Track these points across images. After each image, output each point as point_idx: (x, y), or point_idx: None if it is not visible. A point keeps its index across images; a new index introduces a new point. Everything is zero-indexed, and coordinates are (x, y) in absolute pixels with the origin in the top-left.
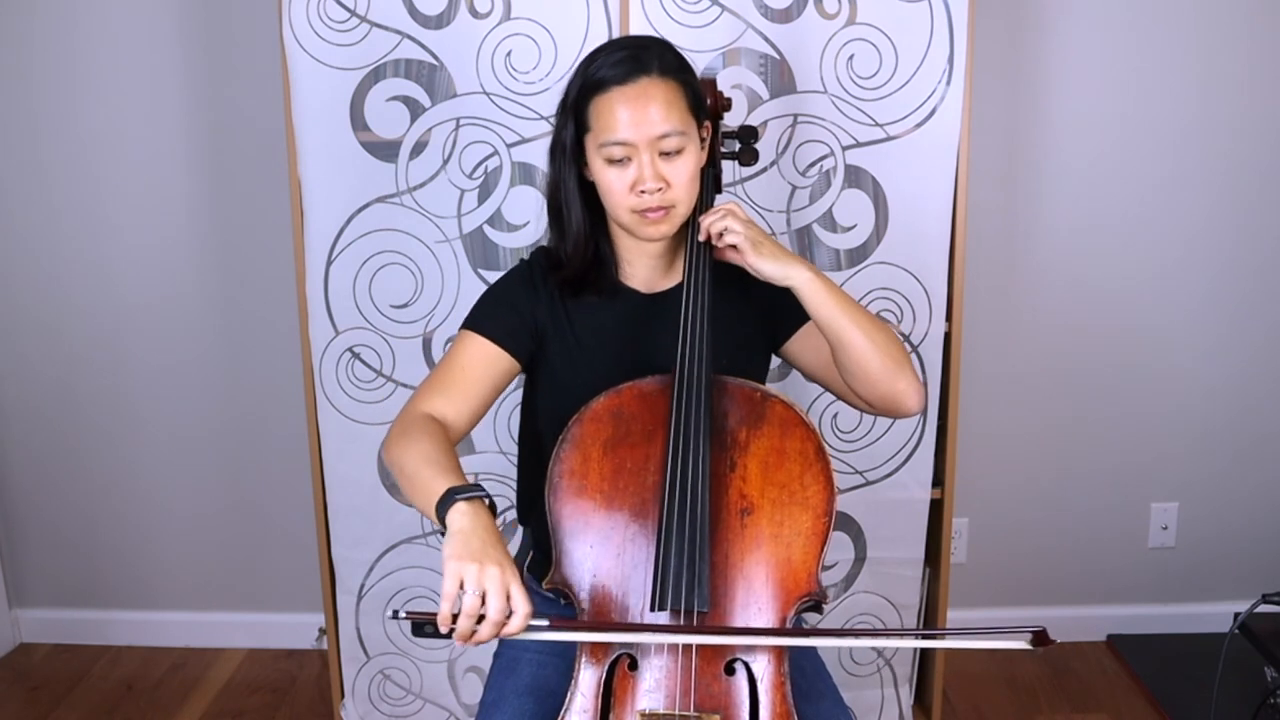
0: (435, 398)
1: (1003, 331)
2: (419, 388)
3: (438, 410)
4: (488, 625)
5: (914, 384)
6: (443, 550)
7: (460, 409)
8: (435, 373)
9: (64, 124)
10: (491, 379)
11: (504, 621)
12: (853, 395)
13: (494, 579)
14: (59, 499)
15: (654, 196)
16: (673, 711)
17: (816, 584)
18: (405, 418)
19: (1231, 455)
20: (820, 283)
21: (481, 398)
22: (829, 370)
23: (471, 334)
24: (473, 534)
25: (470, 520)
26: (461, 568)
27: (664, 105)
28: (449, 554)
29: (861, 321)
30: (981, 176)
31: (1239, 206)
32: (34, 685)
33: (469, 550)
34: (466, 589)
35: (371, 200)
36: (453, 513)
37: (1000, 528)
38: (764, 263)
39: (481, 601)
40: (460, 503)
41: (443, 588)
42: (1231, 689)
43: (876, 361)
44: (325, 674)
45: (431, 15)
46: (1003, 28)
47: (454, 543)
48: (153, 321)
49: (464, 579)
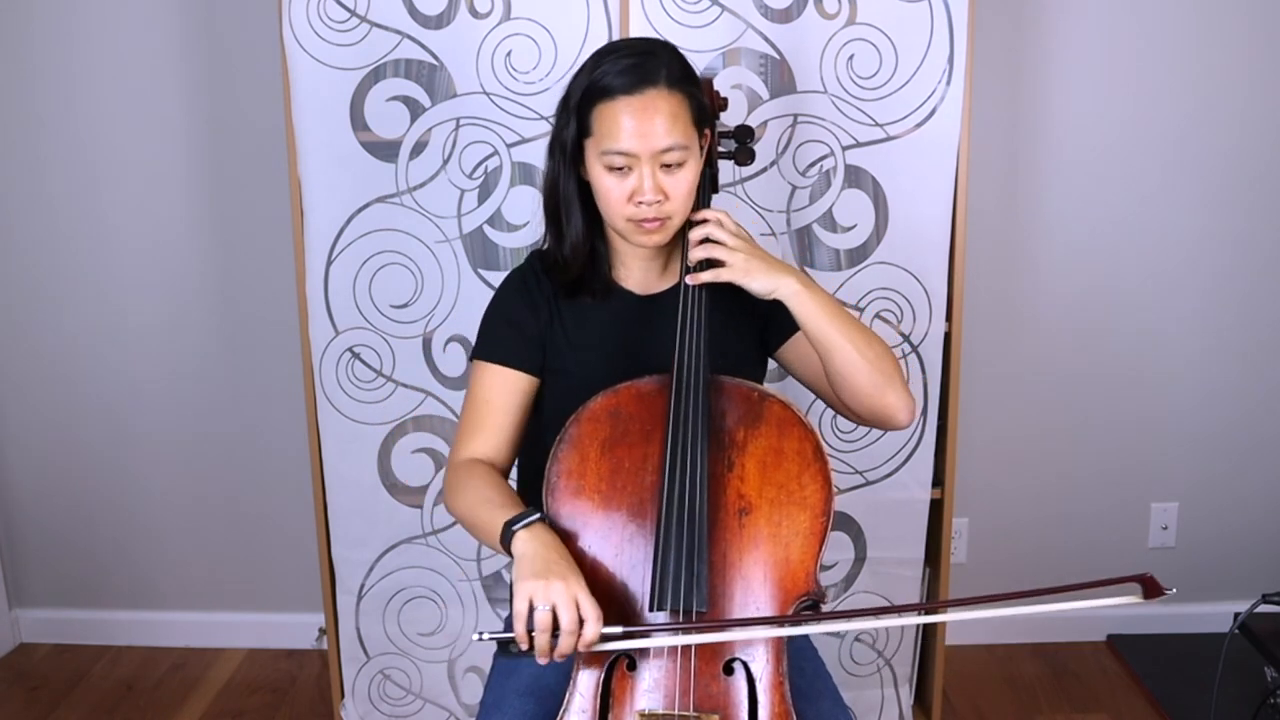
0: (472, 442)
1: (1003, 331)
2: (456, 437)
3: (479, 453)
4: (565, 637)
5: (904, 398)
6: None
7: (499, 443)
8: (465, 417)
9: (64, 124)
10: (517, 404)
11: (578, 631)
12: (842, 406)
13: (559, 592)
14: (59, 499)
15: (651, 209)
16: (672, 711)
17: (815, 583)
18: (453, 471)
19: (1231, 455)
20: (808, 294)
21: (514, 425)
22: (820, 380)
23: (485, 364)
24: (536, 555)
25: (532, 544)
26: (529, 587)
27: (669, 119)
28: (516, 577)
29: (852, 334)
30: (981, 176)
31: (1239, 206)
32: (34, 685)
33: (534, 570)
34: (536, 606)
35: (371, 200)
36: (515, 543)
37: (1000, 528)
38: (752, 280)
39: (553, 617)
40: (520, 531)
41: (513, 607)
42: (1231, 689)
43: (865, 374)
44: (325, 674)
45: (431, 15)
46: (1003, 28)
47: (520, 567)
48: (153, 321)
49: (533, 597)
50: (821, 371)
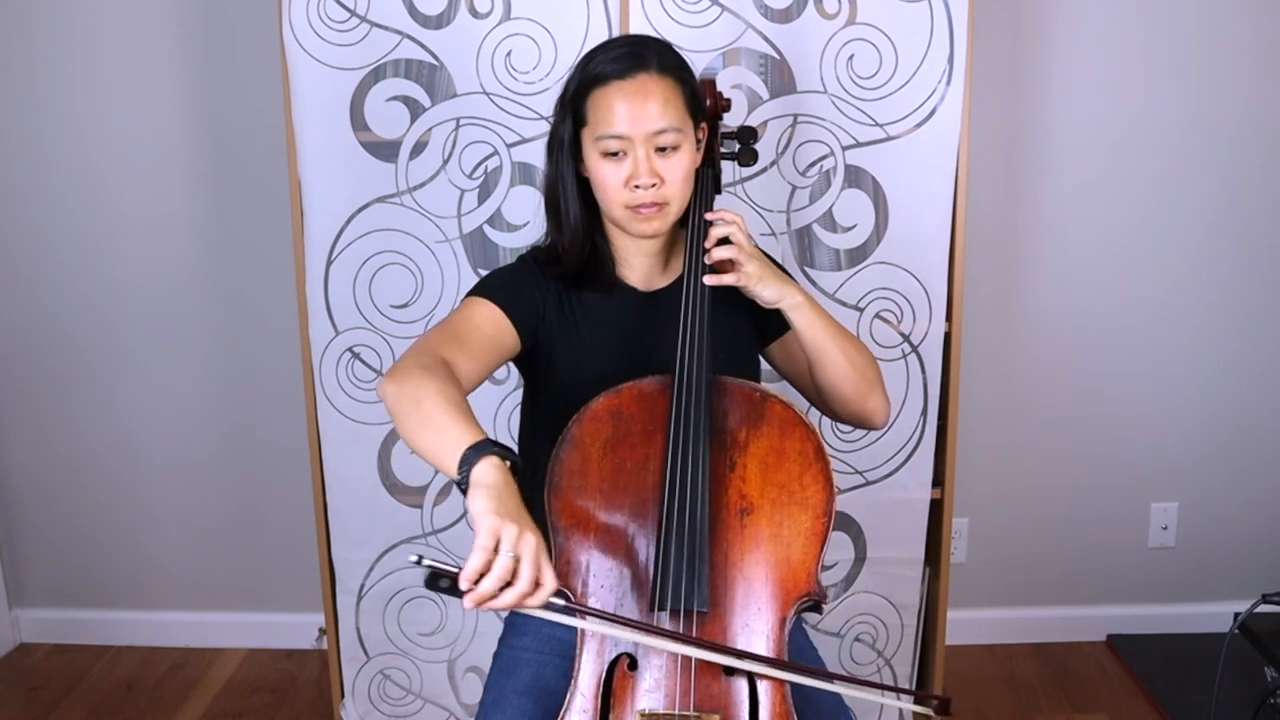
0: (450, 345)
1: (1003, 331)
2: (428, 333)
3: (453, 359)
4: (512, 593)
5: (883, 403)
6: (471, 504)
7: (472, 366)
8: (446, 325)
9: (63, 125)
10: (498, 347)
11: (530, 592)
12: (822, 405)
13: (530, 546)
14: (59, 499)
15: (648, 193)
16: (672, 711)
17: (816, 584)
18: (423, 354)
19: (1231, 455)
20: (809, 308)
21: (488, 363)
22: (802, 378)
23: (483, 300)
24: (506, 493)
25: (505, 479)
26: (500, 525)
27: (661, 101)
28: (485, 508)
29: (844, 345)
30: (981, 177)
31: (1239, 206)
32: (34, 685)
33: (505, 509)
34: (502, 549)
35: (371, 200)
36: (486, 464)
37: (1000, 528)
38: (763, 289)
39: (514, 567)
40: (494, 457)
41: (478, 541)
42: (1231, 689)
43: (852, 382)
44: (325, 674)
45: (431, 15)
46: (1003, 28)
47: (488, 498)
48: (153, 322)
49: (501, 537)
50: (805, 371)
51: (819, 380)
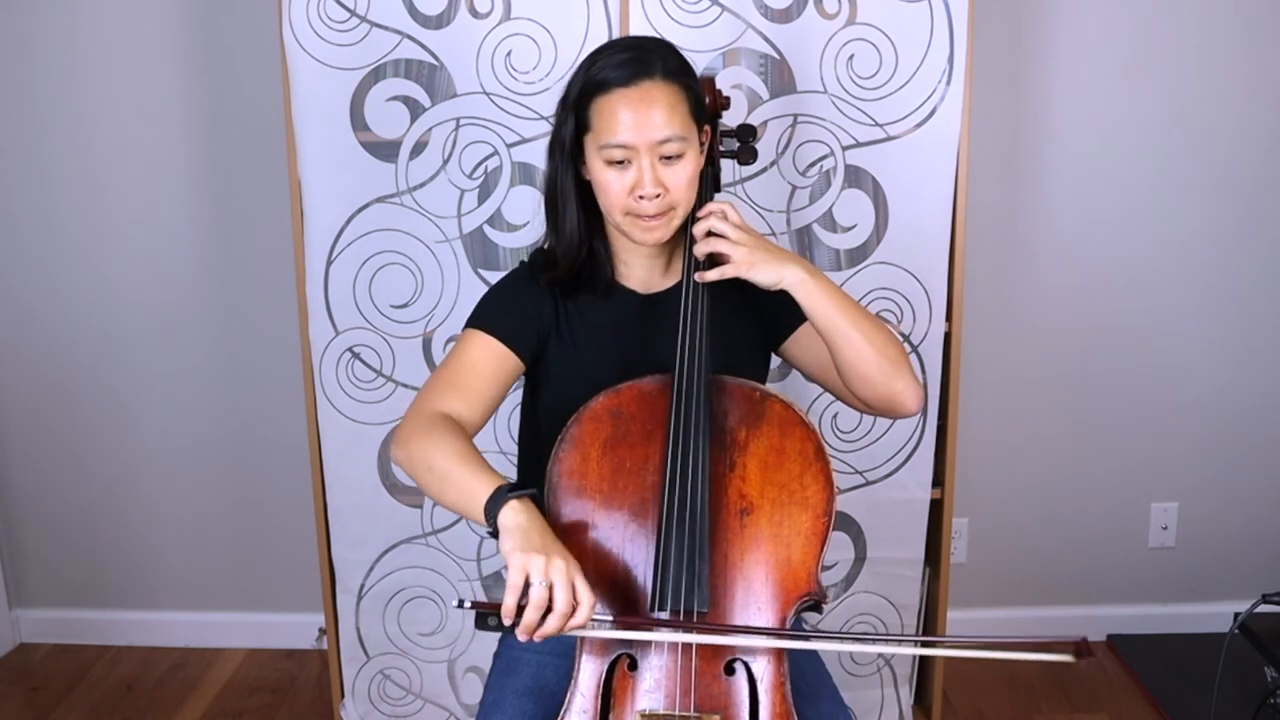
0: (448, 396)
1: (1003, 331)
2: (427, 386)
3: (453, 409)
4: (554, 618)
5: (912, 385)
6: (502, 546)
7: (474, 408)
8: (443, 371)
9: (63, 125)
10: (501, 379)
11: (570, 614)
12: (851, 396)
13: (560, 571)
14: (59, 499)
15: (652, 203)
16: (673, 712)
17: (816, 584)
18: (421, 415)
19: (1231, 455)
20: (815, 282)
21: (492, 397)
22: (828, 371)
23: (478, 332)
24: (531, 529)
25: (527, 516)
26: (528, 560)
27: (666, 109)
28: (512, 548)
29: (859, 321)
30: (981, 176)
31: (1238, 206)
32: (34, 685)
33: (531, 544)
34: (533, 581)
35: (371, 200)
36: (507, 510)
37: (1000, 528)
38: (757, 273)
39: (549, 594)
40: (513, 500)
41: (509, 580)
42: (1231, 689)
43: (873, 362)
44: (325, 674)
45: (431, 15)
46: (1003, 28)
47: (515, 538)
48: (153, 322)
49: (530, 571)
50: (829, 363)
51: (839, 363)
